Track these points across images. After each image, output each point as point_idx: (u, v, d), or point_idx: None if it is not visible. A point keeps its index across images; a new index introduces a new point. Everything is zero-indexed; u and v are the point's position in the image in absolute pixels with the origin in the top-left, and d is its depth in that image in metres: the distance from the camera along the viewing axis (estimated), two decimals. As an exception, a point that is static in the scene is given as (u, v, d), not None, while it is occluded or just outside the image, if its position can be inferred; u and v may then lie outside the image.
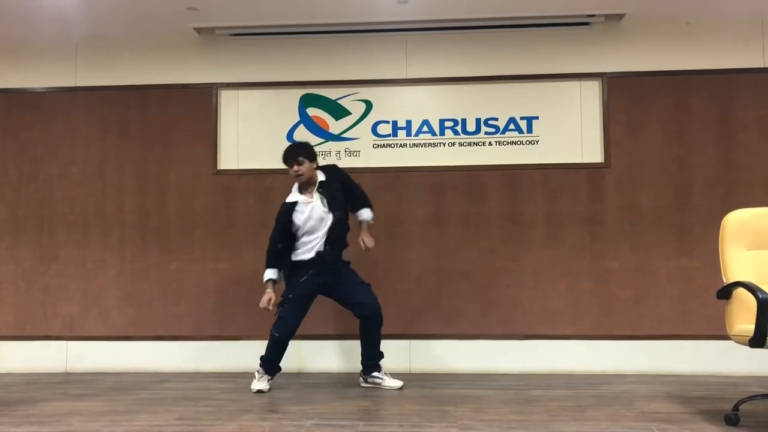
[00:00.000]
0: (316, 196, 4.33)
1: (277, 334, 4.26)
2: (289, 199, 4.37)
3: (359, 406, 3.82)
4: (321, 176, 4.40)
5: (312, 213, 4.29)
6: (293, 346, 4.84)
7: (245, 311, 4.70)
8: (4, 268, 5.25)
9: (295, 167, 4.33)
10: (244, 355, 4.89)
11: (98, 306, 5.18)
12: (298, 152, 4.35)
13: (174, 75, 5.27)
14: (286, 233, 4.31)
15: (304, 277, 4.28)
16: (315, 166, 4.40)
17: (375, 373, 4.41)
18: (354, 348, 4.76)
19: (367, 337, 4.38)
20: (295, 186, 4.41)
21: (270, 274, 4.30)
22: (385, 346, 4.90)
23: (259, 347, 4.95)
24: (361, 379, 4.46)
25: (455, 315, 5.00)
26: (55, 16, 4.85)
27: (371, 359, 4.42)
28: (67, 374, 5.06)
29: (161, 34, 5.18)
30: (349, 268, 4.43)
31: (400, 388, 4.31)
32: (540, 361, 4.91)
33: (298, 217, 4.29)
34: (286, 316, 4.25)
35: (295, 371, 4.96)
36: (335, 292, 4.37)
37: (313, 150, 4.44)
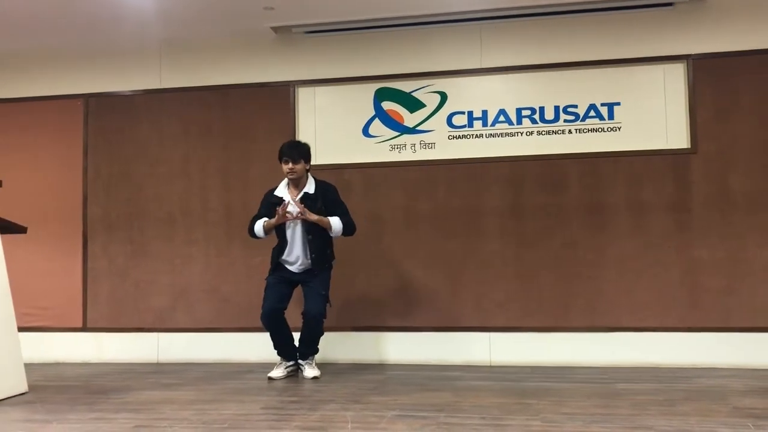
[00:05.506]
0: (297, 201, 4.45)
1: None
2: (277, 192, 4.56)
3: (440, 397, 3.82)
4: (311, 184, 4.52)
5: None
6: (373, 337, 4.91)
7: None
8: (99, 264, 5.52)
9: (291, 165, 4.46)
10: (327, 345, 4.95)
11: (186, 299, 5.39)
12: (298, 152, 4.48)
13: (253, 74, 5.40)
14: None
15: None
16: (308, 168, 4.54)
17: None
18: (436, 339, 4.79)
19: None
20: (285, 181, 4.56)
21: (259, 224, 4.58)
22: (465, 338, 4.90)
23: (341, 337, 5.06)
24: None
25: (536, 307, 4.92)
26: (137, 21, 5.03)
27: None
28: (158, 364, 5.29)
29: (240, 34, 5.31)
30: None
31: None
32: (624, 353, 4.77)
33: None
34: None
35: (378, 362, 5.02)
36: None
37: (310, 153, 4.59)
